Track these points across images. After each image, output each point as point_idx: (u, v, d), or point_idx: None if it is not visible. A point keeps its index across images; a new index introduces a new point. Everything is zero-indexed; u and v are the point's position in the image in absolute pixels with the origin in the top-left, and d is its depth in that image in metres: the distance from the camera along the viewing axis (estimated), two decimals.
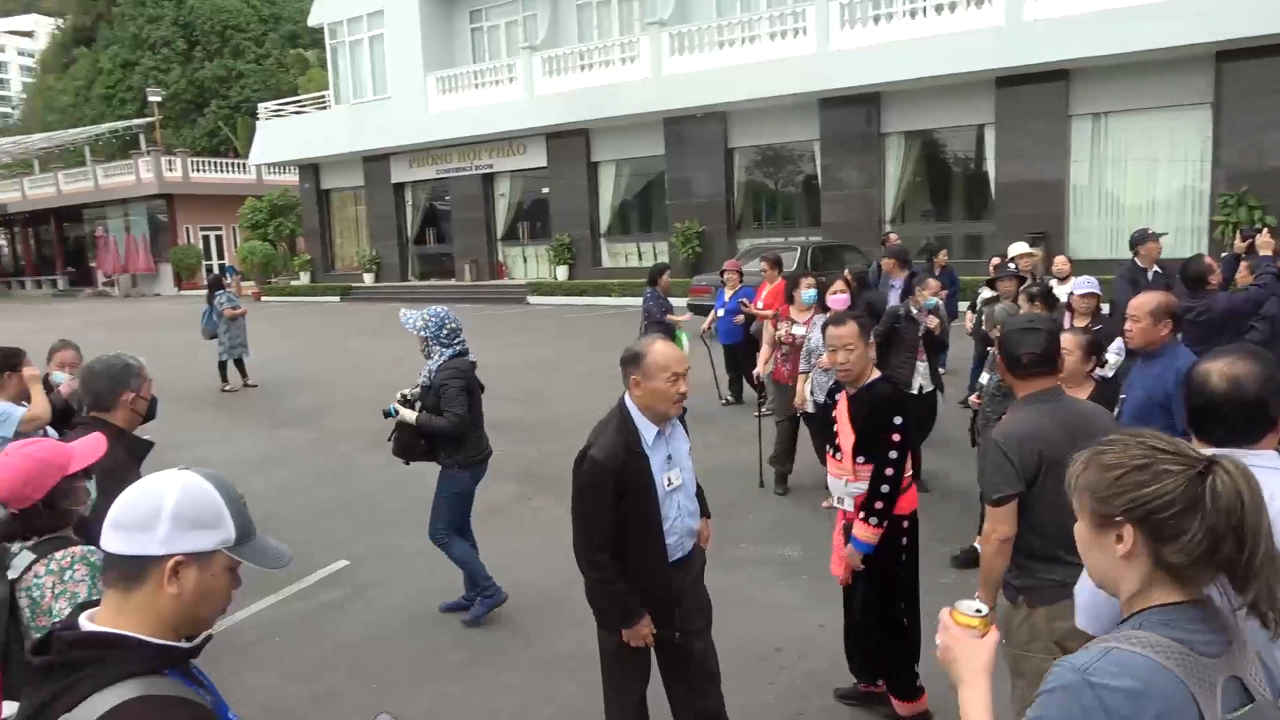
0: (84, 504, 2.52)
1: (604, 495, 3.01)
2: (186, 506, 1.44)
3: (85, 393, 3.48)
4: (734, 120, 22.01)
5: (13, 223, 47.04)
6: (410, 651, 4.77)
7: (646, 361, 3.03)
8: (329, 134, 28.85)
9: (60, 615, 2.28)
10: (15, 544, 2.42)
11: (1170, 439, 1.37)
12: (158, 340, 18.66)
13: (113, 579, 1.44)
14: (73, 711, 1.31)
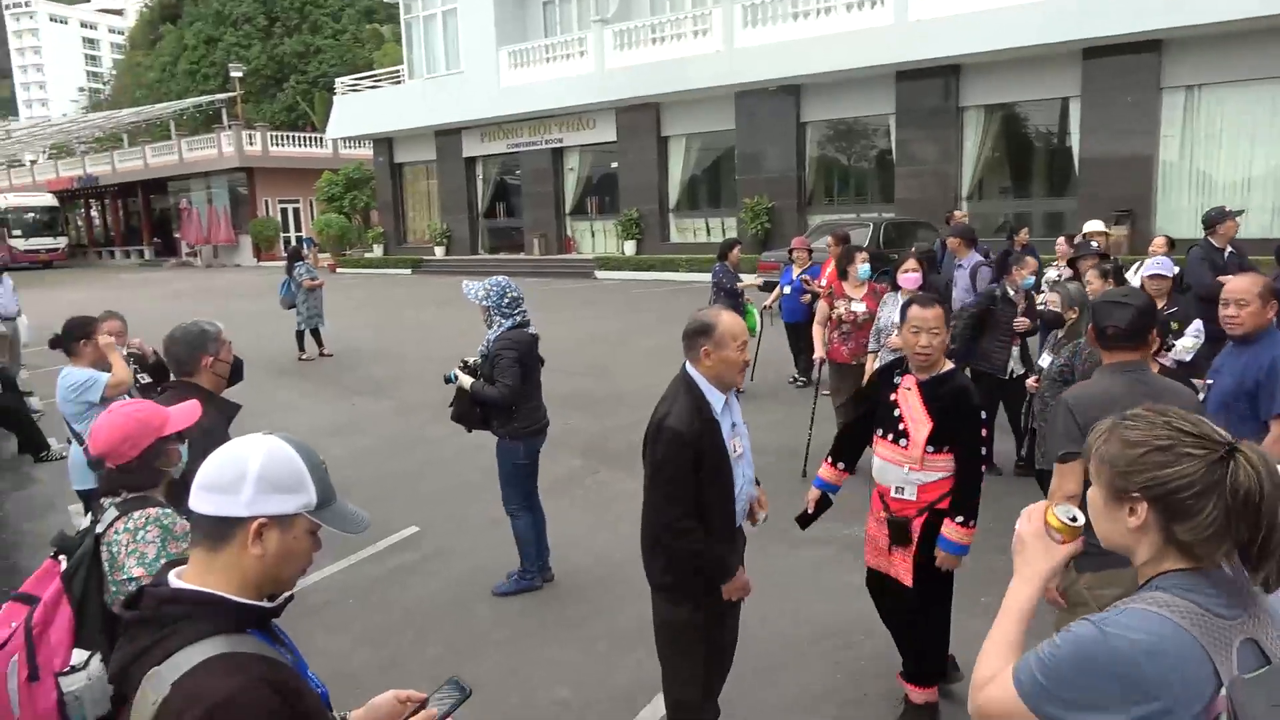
0: (175, 466, 2.62)
1: (684, 463, 3.04)
2: (270, 470, 1.47)
3: (168, 359, 3.60)
4: (807, 94, 21.64)
5: (103, 194, 48.90)
6: (476, 619, 4.86)
7: (719, 332, 3.06)
8: (402, 108, 29.24)
9: (129, 573, 2.39)
10: (105, 500, 2.53)
11: (1196, 420, 1.40)
12: (238, 309, 19.24)
13: (200, 539, 1.48)
14: (160, 665, 1.35)
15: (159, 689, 1.34)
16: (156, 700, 1.33)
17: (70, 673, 2.39)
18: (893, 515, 3.61)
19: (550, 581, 5.23)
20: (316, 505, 1.52)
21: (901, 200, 20.07)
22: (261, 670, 1.39)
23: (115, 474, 2.51)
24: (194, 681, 1.33)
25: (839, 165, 22.78)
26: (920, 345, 3.52)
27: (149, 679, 1.36)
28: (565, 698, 4.03)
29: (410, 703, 1.69)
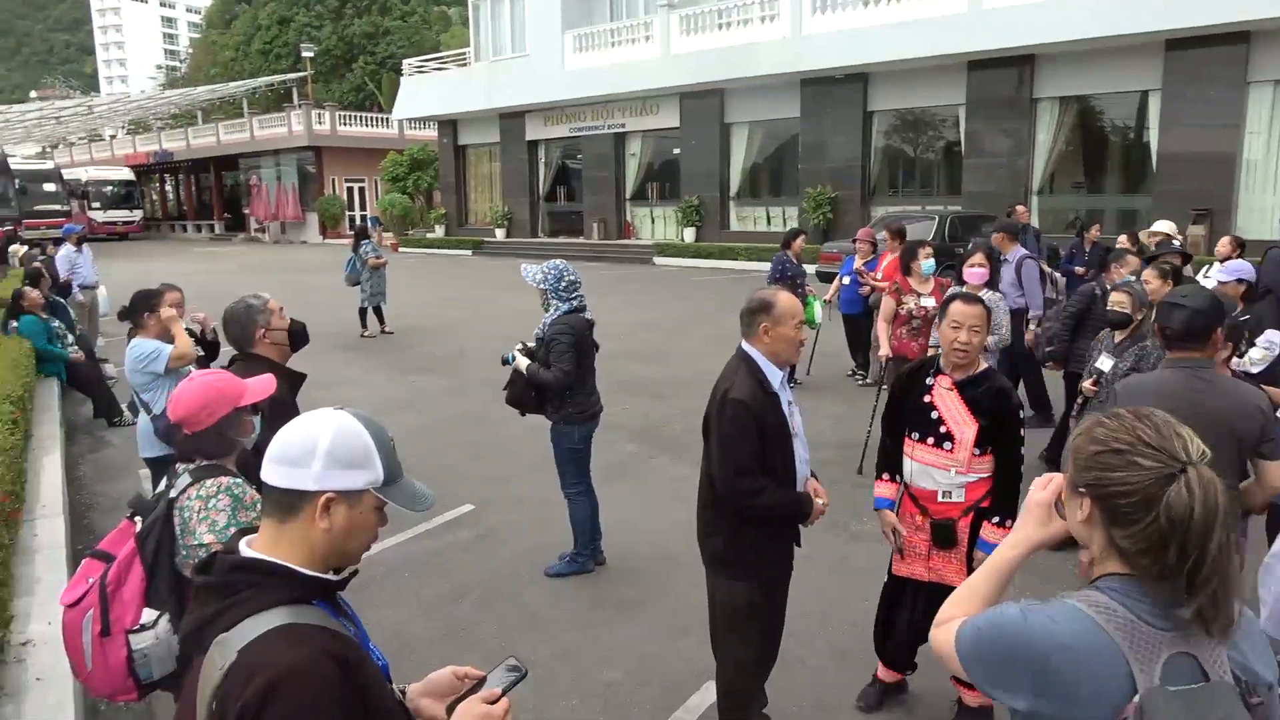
0: (248, 436, 2.67)
1: (750, 433, 3.10)
2: (340, 446, 1.48)
3: (228, 339, 3.68)
4: (874, 82, 21.27)
5: (178, 170, 50.28)
6: (530, 598, 4.89)
7: (777, 310, 3.14)
8: (467, 91, 29.49)
9: (200, 538, 2.45)
10: (180, 466, 2.60)
11: (1173, 432, 1.36)
12: (303, 284, 19.65)
13: (270, 509, 1.50)
14: (228, 632, 1.38)
15: (226, 655, 1.37)
16: (223, 666, 1.36)
17: (140, 631, 2.47)
18: (935, 519, 3.53)
19: (602, 565, 5.25)
20: (383, 482, 1.53)
21: (969, 193, 19.64)
22: (324, 642, 1.41)
23: (190, 440, 2.58)
24: (259, 650, 1.36)
25: (905, 156, 22.37)
26: (960, 341, 3.41)
27: (217, 645, 1.39)
28: (615, 680, 4.04)
29: (468, 679, 1.70)
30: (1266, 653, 1.39)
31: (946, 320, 3.48)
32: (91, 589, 2.48)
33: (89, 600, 2.48)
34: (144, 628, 2.48)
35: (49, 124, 46.94)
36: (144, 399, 4.81)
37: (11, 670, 3.29)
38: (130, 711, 3.84)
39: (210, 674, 1.39)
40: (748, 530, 3.21)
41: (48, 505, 5.28)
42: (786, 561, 3.37)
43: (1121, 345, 4.88)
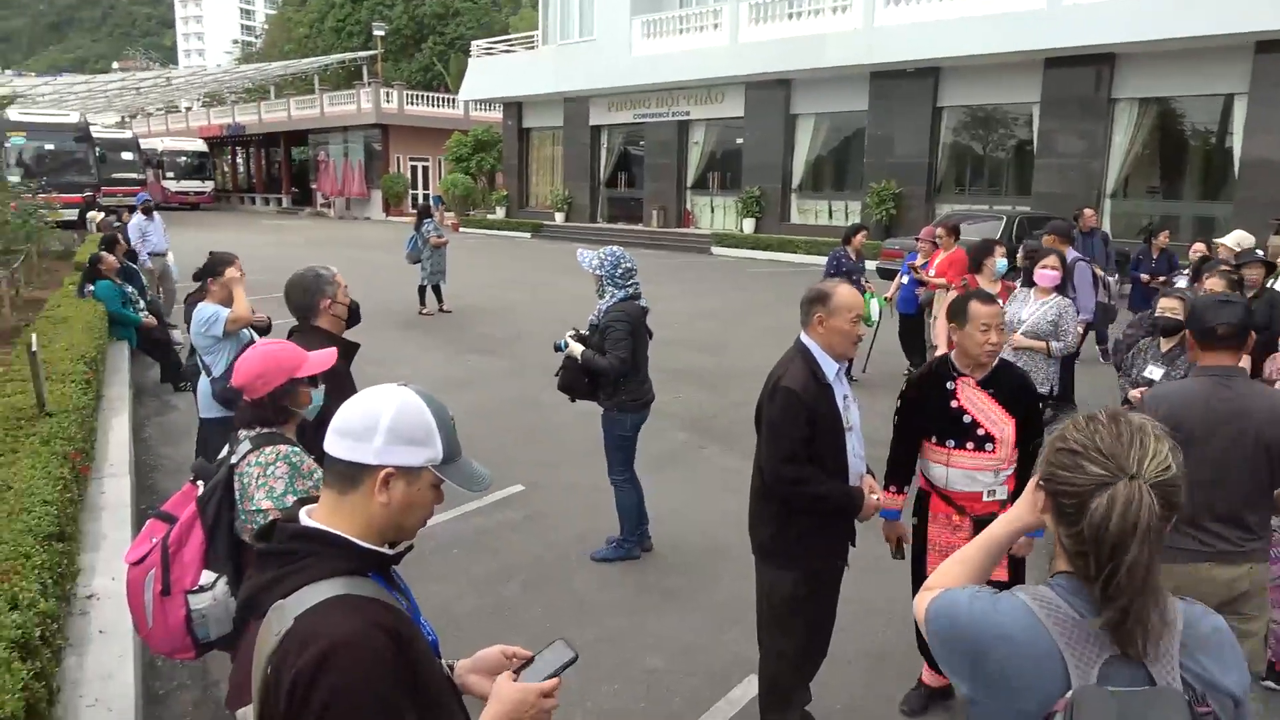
0: (304, 407, 2.71)
1: (800, 422, 3.10)
2: (401, 423, 1.50)
3: (289, 305, 3.73)
4: (946, 77, 20.83)
5: (249, 143, 51.42)
6: (576, 581, 4.92)
7: (833, 301, 3.14)
8: (534, 74, 29.60)
9: (258, 504, 2.50)
10: (241, 433, 2.65)
11: (1138, 441, 1.35)
12: (365, 260, 19.96)
13: (331, 480, 1.52)
14: (286, 599, 1.41)
15: (283, 622, 1.39)
16: (280, 632, 1.39)
17: (198, 592, 2.53)
18: (978, 515, 3.46)
19: (649, 551, 5.25)
20: (442, 460, 1.54)
21: (1039, 194, 19.15)
22: (377, 614, 1.42)
23: (247, 408, 2.64)
24: (314, 619, 1.38)
25: (973, 153, 21.89)
26: (991, 343, 3.38)
27: (275, 610, 1.42)
28: (657, 667, 4.04)
29: (516, 659, 1.70)
30: (1235, 666, 1.39)
31: (973, 323, 3.41)
32: (154, 549, 2.55)
33: (151, 559, 2.55)
34: (202, 589, 2.54)
35: (129, 94, 48.34)
36: (205, 361, 4.93)
37: (76, 622, 3.41)
38: (187, 670, 3.96)
39: (267, 639, 1.41)
40: (796, 520, 3.21)
41: (115, 464, 5.45)
42: (837, 556, 3.33)
43: (1171, 354, 4.71)
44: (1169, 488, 1.33)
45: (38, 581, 3.07)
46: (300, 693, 1.33)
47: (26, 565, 3.15)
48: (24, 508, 3.67)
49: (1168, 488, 1.33)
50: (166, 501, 2.72)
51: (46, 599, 3.03)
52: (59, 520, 3.72)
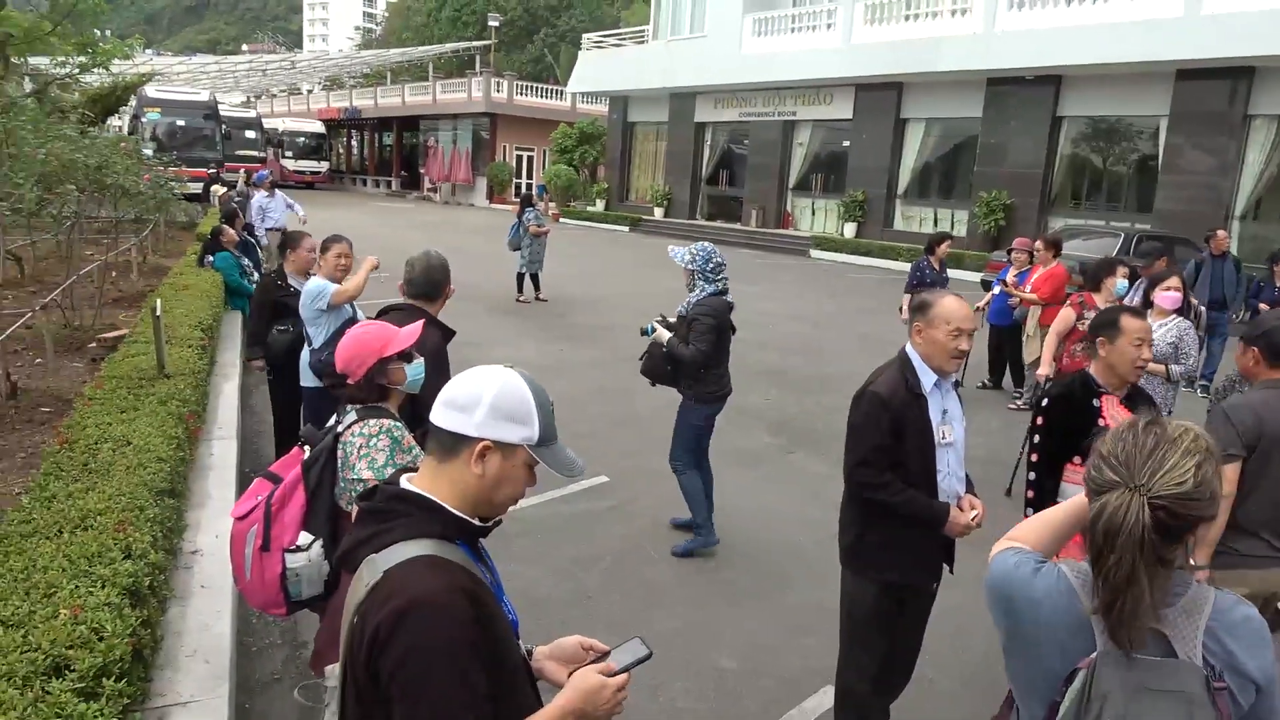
0: (401, 383, 2.80)
1: (882, 428, 3.04)
2: (503, 400, 1.56)
3: (424, 282, 3.84)
4: (1068, 86, 20.03)
5: (363, 126, 53.13)
6: (655, 573, 4.93)
7: (933, 311, 3.06)
8: (642, 69, 29.71)
9: (359, 474, 2.60)
10: (349, 405, 2.76)
11: (1172, 451, 1.46)
12: (466, 245, 20.40)
13: (433, 448, 1.60)
14: (378, 554, 1.50)
15: (374, 574, 1.48)
16: (370, 583, 1.47)
17: (295, 551, 2.64)
18: None
19: (715, 543, 5.25)
20: (537, 441, 1.60)
21: (1161, 212, 18.26)
22: (463, 579, 1.48)
23: (348, 389, 2.77)
24: (403, 573, 1.45)
25: (1092, 166, 21.00)
26: (1144, 358, 3.28)
27: (367, 564, 1.51)
28: (730, 668, 4.02)
29: (593, 651, 1.73)
30: (1260, 653, 1.47)
31: (1126, 338, 3.28)
32: (258, 506, 2.68)
33: (255, 516, 2.68)
34: (299, 549, 2.65)
35: (256, 76, 50.59)
36: (309, 333, 5.12)
37: (181, 575, 3.59)
38: (278, 628, 4.13)
39: (358, 589, 1.51)
40: (876, 527, 3.15)
41: (224, 427, 5.71)
42: (926, 571, 3.22)
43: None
44: (1181, 501, 1.43)
45: (150, 534, 3.24)
46: (380, 642, 1.41)
47: (140, 518, 3.33)
48: (140, 463, 3.88)
49: (1179, 501, 1.43)
50: (275, 463, 2.85)
51: (156, 551, 3.20)
52: (171, 477, 3.92)
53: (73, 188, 7.69)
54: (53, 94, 17.31)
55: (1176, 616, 1.48)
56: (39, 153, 6.62)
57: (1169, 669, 1.44)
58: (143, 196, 10.55)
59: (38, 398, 5.89)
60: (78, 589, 2.73)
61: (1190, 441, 1.47)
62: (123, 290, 10.24)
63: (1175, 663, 1.45)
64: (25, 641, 2.43)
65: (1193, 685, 1.42)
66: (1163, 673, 1.43)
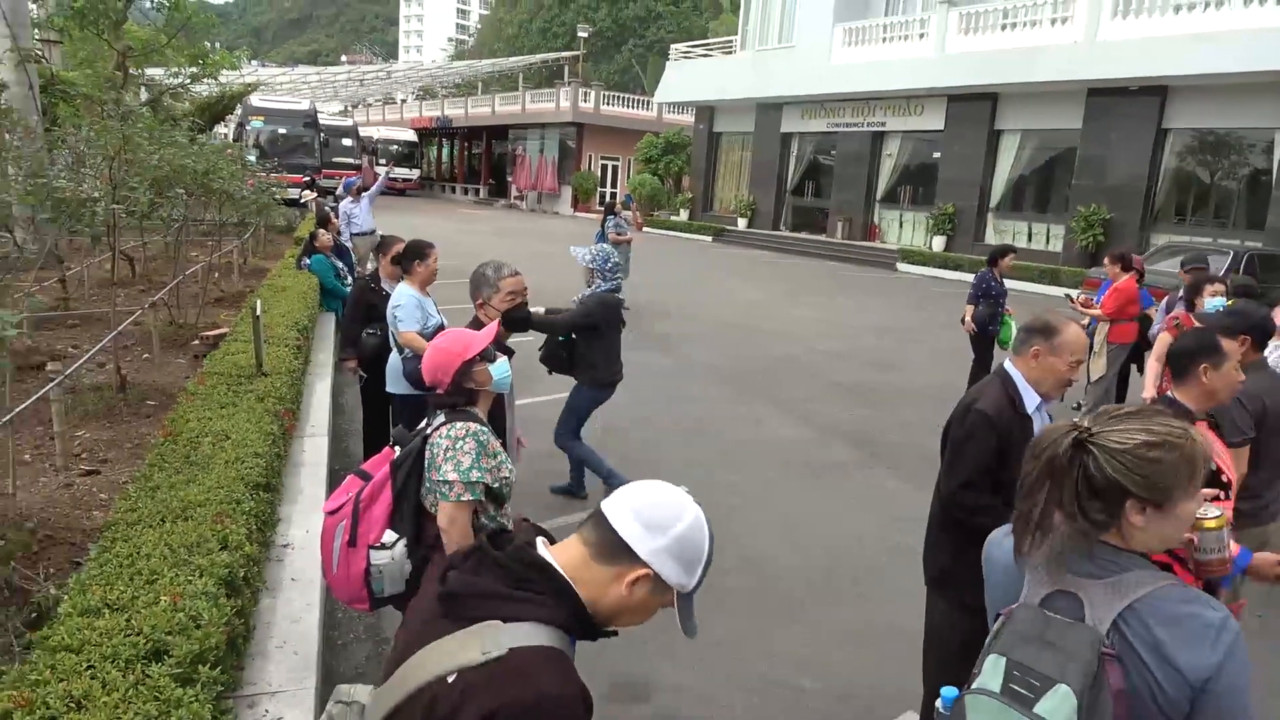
0: (486, 384, 2.86)
1: (987, 448, 2.94)
2: (688, 541, 1.47)
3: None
4: (1174, 97, 19.24)
5: (454, 135, 54.40)
6: (732, 582, 4.87)
7: (1059, 339, 2.94)
8: (729, 79, 29.68)
9: (445, 475, 2.64)
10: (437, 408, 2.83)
11: (1132, 420, 1.55)
12: (549, 253, 20.64)
13: (593, 540, 1.48)
14: (506, 624, 1.38)
15: (495, 644, 1.37)
16: (488, 652, 1.36)
17: (380, 548, 2.70)
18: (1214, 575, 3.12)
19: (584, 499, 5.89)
20: (687, 591, 1.50)
21: (1274, 229, 17.37)
22: (582, 686, 1.39)
23: (438, 397, 2.85)
24: (531, 660, 1.36)
25: (1199, 181, 20.10)
26: (1241, 380, 3.18)
27: (488, 628, 1.39)
28: (806, 687, 3.95)
29: None
30: (1195, 650, 1.45)
31: (1230, 362, 3.13)
32: (348, 502, 2.75)
33: (344, 511, 2.75)
34: (383, 546, 2.71)
35: (353, 85, 52.27)
36: (398, 340, 5.25)
37: (273, 568, 3.70)
38: (363, 624, 4.23)
39: (468, 650, 1.38)
40: (973, 552, 3.03)
41: (316, 425, 5.88)
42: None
43: None
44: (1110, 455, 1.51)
45: (245, 527, 3.35)
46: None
47: (237, 510, 3.45)
48: (238, 457, 4.02)
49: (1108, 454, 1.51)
50: (367, 460, 2.93)
51: (251, 543, 3.31)
52: (266, 472, 4.05)
53: (181, 192, 8.05)
54: (165, 103, 18.18)
55: (1100, 590, 1.54)
56: (153, 158, 6.95)
57: (1066, 627, 1.52)
58: (246, 201, 10.98)
59: (144, 391, 6.17)
60: (177, 577, 2.84)
61: (1164, 430, 1.53)
62: (224, 290, 10.68)
63: (1075, 624, 1.52)
64: (128, 625, 2.53)
65: (1079, 644, 1.48)
66: (1059, 628, 1.52)
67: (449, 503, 2.67)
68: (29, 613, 3.05)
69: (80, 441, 5.14)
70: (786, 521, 5.75)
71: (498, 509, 2.82)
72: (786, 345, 11.65)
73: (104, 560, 2.96)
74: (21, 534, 3.55)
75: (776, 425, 8.07)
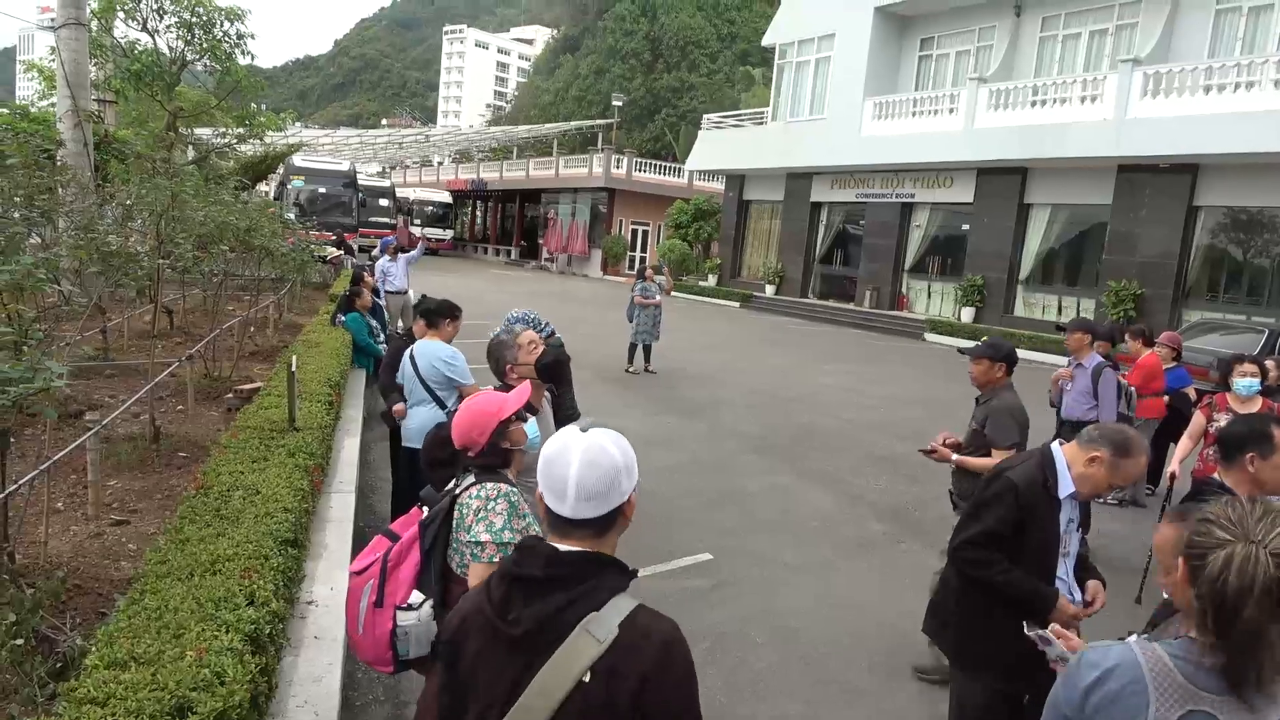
0: (521, 443, 2.85)
1: (1005, 514, 2.95)
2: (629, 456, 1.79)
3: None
4: (1206, 175, 19.25)
5: (488, 197, 55.50)
6: (760, 658, 4.79)
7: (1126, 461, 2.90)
8: (760, 148, 30.12)
9: (476, 536, 2.62)
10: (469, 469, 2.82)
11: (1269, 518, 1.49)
12: (577, 315, 20.82)
13: (581, 533, 1.73)
14: (599, 611, 1.63)
15: (606, 630, 1.61)
16: (605, 641, 1.60)
17: (407, 610, 2.68)
18: None
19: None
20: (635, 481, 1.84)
21: None
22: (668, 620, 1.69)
23: (471, 459, 2.80)
24: (642, 621, 1.64)
25: (1231, 258, 19.96)
26: None
27: (593, 622, 1.62)
28: None
29: None
30: None
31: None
32: (376, 562, 2.75)
33: (372, 571, 2.75)
34: (410, 607, 2.69)
35: (392, 148, 53.65)
36: (440, 394, 5.31)
37: (295, 624, 3.69)
38: (382, 685, 4.18)
39: (585, 650, 1.60)
40: (982, 622, 3.03)
41: (344, 481, 5.91)
42: (1040, 671, 3.06)
43: None
44: None
45: (272, 583, 3.36)
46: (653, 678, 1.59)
47: (265, 566, 3.46)
48: (268, 512, 4.05)
49: None
50: (395, 521, 2.93)
51: (278, 600, 3.31)
52: (295, 528, 4.07)
53: (225, 248, 8.24)
54: (211, 161, 18.76)
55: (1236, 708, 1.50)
56: (199, 215, 7.15)
57: None
58: (285, 257, 11.22)
59: (177, 442, 6.25)
60: (204, 632, 2.84)
61: None
62: (258, 345, 10.84)
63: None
64: (154, 680, 2.53)
65: None
66: None
67: (481, 564, 2.64)
68: (54, 663, 3.06)
69: (112, 491, 5.20)
70: (833, 600, 5.65)
71: None
72: (813, 413, 11.59)
73: (132, 612, 2.97)
74: (51, 583, 3.57)
75: (806, 493, 7.99)
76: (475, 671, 1.72)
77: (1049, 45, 23.73)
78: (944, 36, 26.32)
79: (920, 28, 26.81)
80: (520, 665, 1.64)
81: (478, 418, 2.79)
